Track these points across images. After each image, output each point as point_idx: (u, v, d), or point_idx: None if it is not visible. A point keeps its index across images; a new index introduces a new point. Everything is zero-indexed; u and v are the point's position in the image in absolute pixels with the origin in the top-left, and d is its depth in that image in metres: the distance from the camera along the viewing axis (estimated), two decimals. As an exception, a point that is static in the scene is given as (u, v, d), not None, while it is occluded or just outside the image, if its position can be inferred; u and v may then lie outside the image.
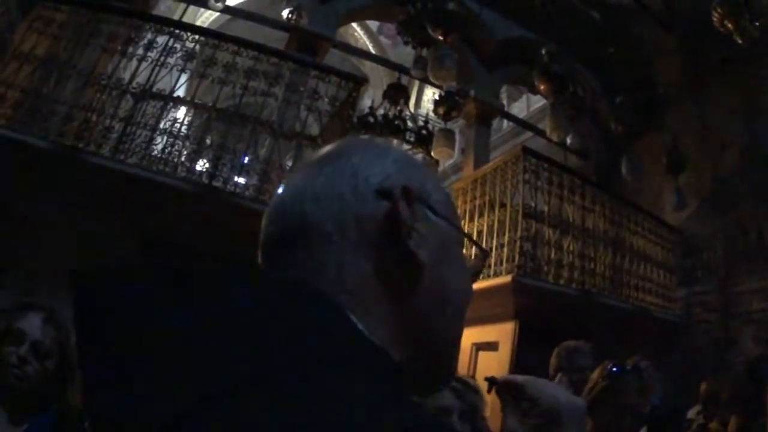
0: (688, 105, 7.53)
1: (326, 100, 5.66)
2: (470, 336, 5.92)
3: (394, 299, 0.54)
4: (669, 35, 7.38)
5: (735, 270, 6.77)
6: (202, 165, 5.33)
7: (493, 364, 5.36)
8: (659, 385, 3.97)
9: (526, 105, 10.57)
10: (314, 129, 5.98)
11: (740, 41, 4.91)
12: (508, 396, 0.87)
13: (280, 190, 0.61)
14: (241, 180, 5.45)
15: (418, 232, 0.54)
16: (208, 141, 5.27)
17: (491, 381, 0.81)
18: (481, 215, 5.85)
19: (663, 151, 7.03)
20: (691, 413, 4.10)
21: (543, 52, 6.01)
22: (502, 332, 5.44)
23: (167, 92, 5.07)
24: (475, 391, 1.90)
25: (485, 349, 5.62)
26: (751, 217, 6.68)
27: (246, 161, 5.45)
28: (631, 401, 2.26)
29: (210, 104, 5.30)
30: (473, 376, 3.34)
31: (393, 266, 0.54)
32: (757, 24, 4.86)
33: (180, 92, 5.51)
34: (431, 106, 7.15)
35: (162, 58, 5.00)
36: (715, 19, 4.82)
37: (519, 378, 0.78)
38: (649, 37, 7.68)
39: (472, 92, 6.68)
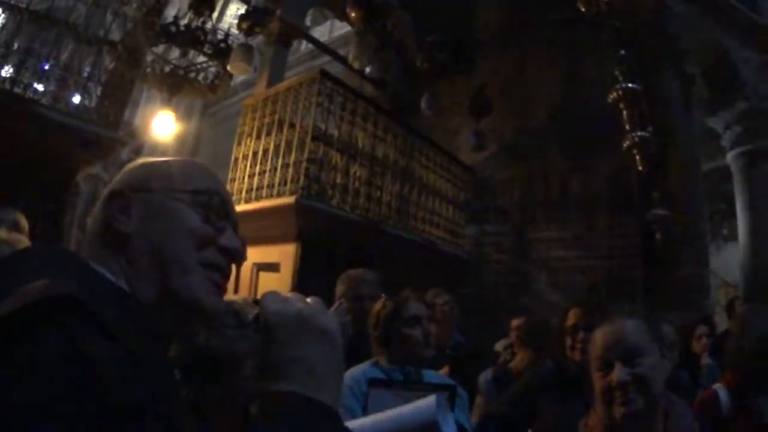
0: (505, 56, 7.76)
1: (134, 5, 5.61)
2: (251, 256, 5.81)
3: (118, 255, 0.81)
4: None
5: (534, 217, 7.17)
6: (7, 70, 5.07)
7: (275, 285, 5.30)
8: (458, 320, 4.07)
9: (329, 30, 10.57)
10: (117, 35, 5.82)
11: (583, 10, 5.01)
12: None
13: None
14: (40, 87, 5.28)
15: (119, 215, 0.82)
16: (15, 45, 5.07)
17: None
18: (268, 134, 5.71)
19: (468, 93, 7.24)
20: (498, 346, 4.23)
21: (358, -20, 5.92)
22: (284, 253, 5.39)
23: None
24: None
25: (266, 269, 5.56)
26: (556, 169, 7.04)
27: (47, 67, 5.26)
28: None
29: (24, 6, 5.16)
30: (255, 297, 3.23)
31: (112, 237, 0.82)
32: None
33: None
34: (233, 22, 6.88)
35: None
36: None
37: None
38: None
39: (278, 11, 6.48)
